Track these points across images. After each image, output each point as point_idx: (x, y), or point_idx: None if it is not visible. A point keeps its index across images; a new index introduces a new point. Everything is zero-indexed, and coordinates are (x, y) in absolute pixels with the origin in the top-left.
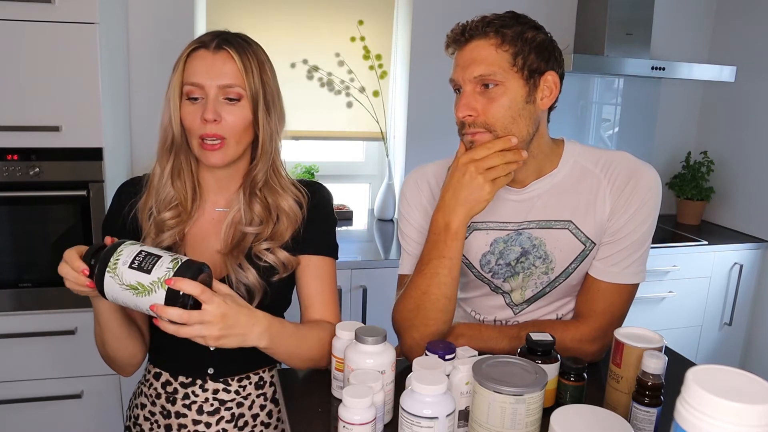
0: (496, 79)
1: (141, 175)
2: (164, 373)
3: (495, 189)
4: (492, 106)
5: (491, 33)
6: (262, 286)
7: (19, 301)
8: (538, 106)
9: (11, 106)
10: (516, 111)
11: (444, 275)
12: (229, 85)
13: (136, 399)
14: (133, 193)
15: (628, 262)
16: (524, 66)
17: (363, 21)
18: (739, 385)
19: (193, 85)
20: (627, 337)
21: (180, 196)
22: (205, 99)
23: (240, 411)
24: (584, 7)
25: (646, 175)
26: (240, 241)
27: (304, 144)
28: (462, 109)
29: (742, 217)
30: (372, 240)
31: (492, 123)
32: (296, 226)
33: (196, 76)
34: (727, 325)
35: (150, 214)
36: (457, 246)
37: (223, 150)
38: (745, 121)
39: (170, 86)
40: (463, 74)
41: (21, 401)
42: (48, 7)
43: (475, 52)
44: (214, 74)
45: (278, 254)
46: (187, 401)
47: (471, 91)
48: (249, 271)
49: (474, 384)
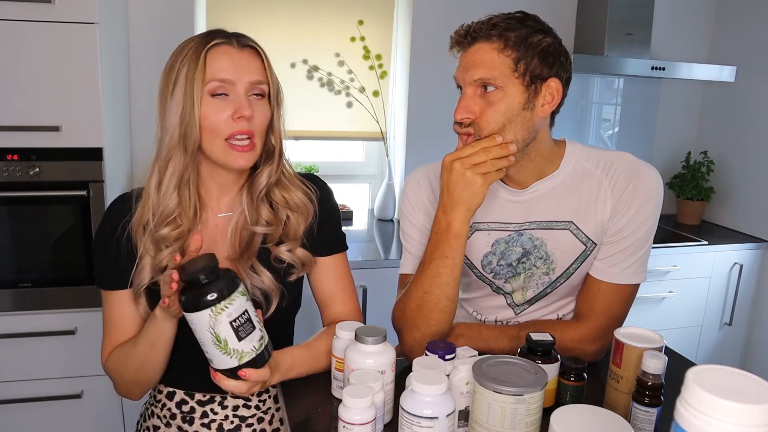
0: (495, 84)
1: (129, 192)
2: (178, 392)
3: (487, 182)
4: (488, 110)
5: (495, 36)
6: (278, 288)
7: (19, 301)
8: (537, 112)
9: (11, 106)
10: (509, 117)
11: (446, 275)
12: (258, 81)
13: (146, 422)
14: (125, 211)
15: (629, 263)
16: (526, 72)
17: (363, 21)
18: (739, 385)
19: (222, 81)
20: (627, 337)
21: (184, 207)
22: (234, 96)
23: (261, 427)
24: (584, 7)
25: (648, 176)
26: (249, 243)
27: (304, 144)
28: (460, 111)
29: (742, 217)
30: (372, 240)
31: (483, 127)
32: (308, 220)
33: (223, 72)
34: (727, 325)
35: (146, 229)
36: (459, 245)
37: (253, 150)
38: (745, 121)
39: (185, 82)
40: (464, 75)
41: (21, 401)
42: (48, 7)
43: (477, 55)
44: (243, 70)
45: (296, 252)
46: (206, 420)
47: (471, 94)
48: (264, 274)
49: (474, 384)
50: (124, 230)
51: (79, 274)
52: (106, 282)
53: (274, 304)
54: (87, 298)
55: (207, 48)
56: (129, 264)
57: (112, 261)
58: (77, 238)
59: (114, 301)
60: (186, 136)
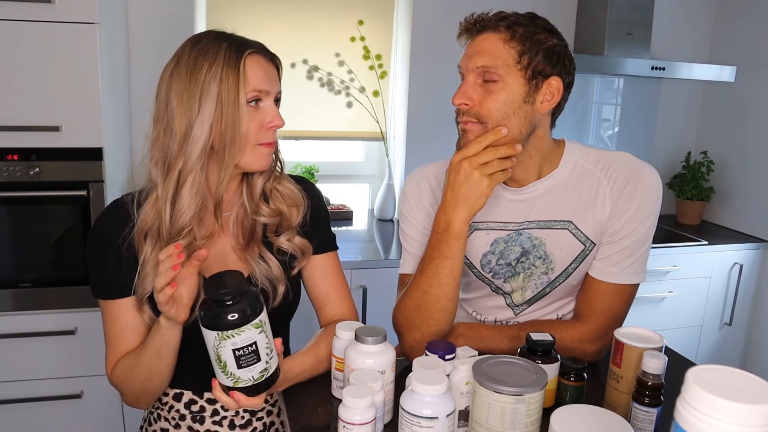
0: (497, 73)
1: (121, 198)
2: (186, 393)
3: (493, 183)
4: (488, 98)
5: (502, 27)
6: (284, 278)
7: (19, 301)
8: (537, 108)
9: (11, 106)
10: (511, 108)
11: (446, 275)
12: (279, 91)
13: (152, 426)
14: (124, 218)
15: (628, 263)
16: (529, 65)
17: (363, 21)
18: (739, 385)
19: (259, 92)
20: (627, 337)
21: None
22: (266, 105)
23: (271, 419)
24: (584, 7)
25: (647, 176)
26: (252, 231)
27: (304, 144)
28: (459, 97)
29: (742, 217)
30: (372, 240)
31: (485, 115)
32: (302, 211)
33: (262, 83)
34: (727, 325)
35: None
36: (459, 246)
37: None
38: (745, 121)
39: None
40: (467, 63)
41: (21, 401)
42: (48, 7)
43: (483, 44)
44: (273, 81)
45: (295, 241)
46: (217, 417)
47: (472, 81)
48: (272, 262)
49: (474, 384)
50: (125, 239)
51: (79, 274)
52: (105, 292)
53: (280, 292)
54: (87, 298)
55: (245, 56)
56: (130, 272)
57: (112, 270)
58: (77, 238)
59: (115, 310)
60: (225, 144)
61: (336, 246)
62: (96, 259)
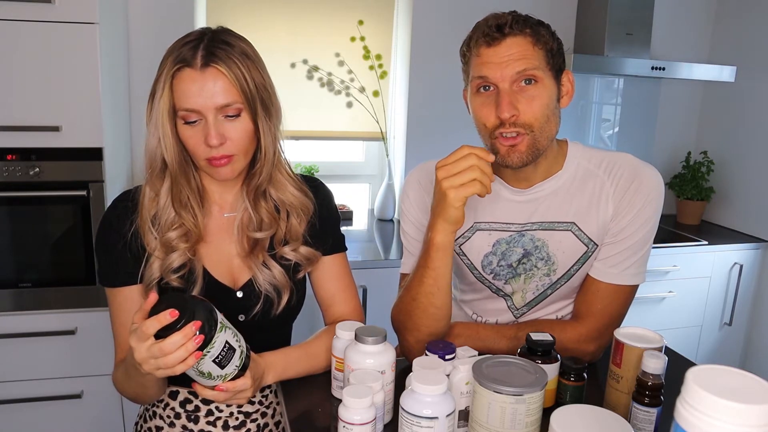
0: (536, 76)
1: (133, 188)
2: (182, 391)
3: (460, 195)
4: (533, 104)
5: (527, 30)
6: (289, 284)
7: (19, 301)
8: (560, 105)
9: (11, 106)
10: (551, 110)
11: (429, 285)
12: (226, 104)
13: (147, 423)
14: (132, 207)
15: (628, 264)
16: (554, 65)
17: (363, 21)
18: (739, 385)
19: (188, 111)
20: (627, 337)
21: (188, 223)
22: (204, 121)
23: (264, 421)
24: (584, 7)
25: (649, 177)
26: (257, 240)
27: (304, 144)
28: (508, 108)
29: (742, 217)
30: (372, 240)
31: (532, 123)
32: (309, 218)
33: (189, 101)
34: (727, 325)
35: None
36: (441, 257)
37: (232, 164)
38: (745, 121)
39: (155, 109)
40: (501, 71)
41: (21, 401)
42: (48, 7)
43: (514, 49)
44: (207, 96)
45: (300, 251)
46: (211, 417)
47: (510, 90)
48: (275, 269)
49: (474, 384)
50: (132, 226)
51: (79, 274)
52: (113, 279)
53: (284, 299)
54: (87, 298)
55: (172, 72)
56: (136, 260)
57: (120, 257)
58: (77, 238)
59: (122, 299)
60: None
61: (345, 247)
62: (103, 247)
